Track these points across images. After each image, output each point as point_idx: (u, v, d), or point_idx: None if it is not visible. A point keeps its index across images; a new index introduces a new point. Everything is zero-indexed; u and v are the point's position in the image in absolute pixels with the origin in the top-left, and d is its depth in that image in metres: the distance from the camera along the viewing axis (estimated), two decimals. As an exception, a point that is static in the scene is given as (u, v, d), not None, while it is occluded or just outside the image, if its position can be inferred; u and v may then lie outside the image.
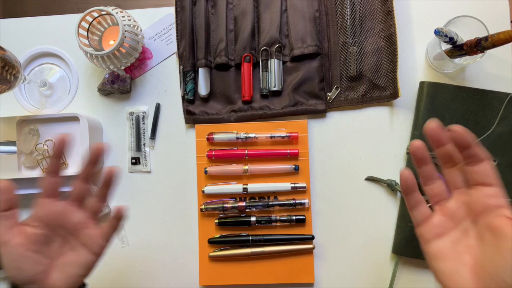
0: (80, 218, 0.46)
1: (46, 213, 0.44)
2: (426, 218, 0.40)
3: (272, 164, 0.62)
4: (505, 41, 0.50)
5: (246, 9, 0.64)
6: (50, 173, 0.45)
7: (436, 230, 0.39)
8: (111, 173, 0.48)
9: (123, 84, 0.65)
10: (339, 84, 0.63)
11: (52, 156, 0.45)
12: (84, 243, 0.45)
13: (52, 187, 0.45)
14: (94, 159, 0.46)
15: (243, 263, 0.61)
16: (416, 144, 0.40)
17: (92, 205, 0.47)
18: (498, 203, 0.35)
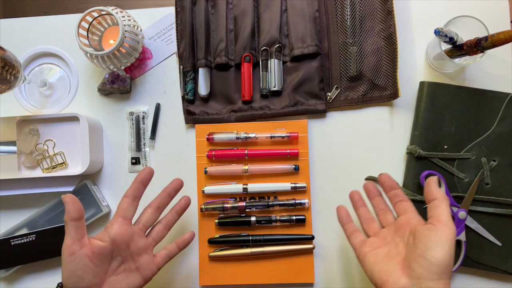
0: (145, 244, 0.50)
1: (119, 233, 0.47)
2: (362, 241, 0.49)
3: (272, 164, 0.62)
4: (505, 41, 0.50)
5: (246, 9, 0.64)
6: (132, 197, 0.49)
7: (371, 245, 0.48)
8: (186, 202, 0.55)
9: (123, 84, 0.65)
10: (339, 84, 0.63)
11: (136, 181, 0.50)
12: (139, 267, 0.49)
13: (129, 209, 0.49)
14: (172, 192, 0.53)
15: (243, 263, 0.61)
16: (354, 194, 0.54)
17: (157, 232, 0.52)
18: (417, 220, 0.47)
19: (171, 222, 0.53)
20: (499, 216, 0.58)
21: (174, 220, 0.54)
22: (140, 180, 0.51)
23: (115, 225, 0.48)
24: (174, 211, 0.54)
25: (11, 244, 0.61)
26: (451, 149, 0.60)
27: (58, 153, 0.63)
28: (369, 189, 0.53)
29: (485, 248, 0.58)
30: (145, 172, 0.51)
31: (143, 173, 0.51)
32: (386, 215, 0.51)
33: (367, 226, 0.51)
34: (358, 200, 0.53)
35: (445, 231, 0.41)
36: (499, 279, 0.59)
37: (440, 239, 0.41)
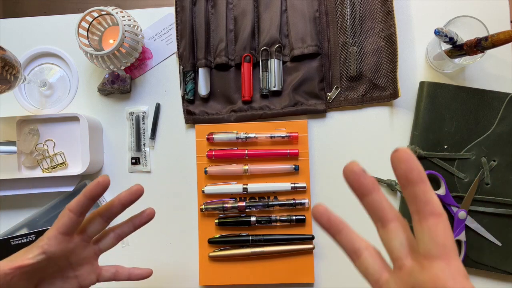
0: (88, 254, 0.44)
1: (58, 250, 0.41)
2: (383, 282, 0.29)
3: (272, 164, 0.62)
4: (505, 41, 0.50)
5: (246, 9, 0.64)
6: (77, 213, 0.41)
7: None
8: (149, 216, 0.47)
9: (123, 84, 0.65)
10: (339, 84, 0.63)
11: (85, 195, 0.41)
12: (78, 276, 0.44)
13: (72, 225, 0.41)
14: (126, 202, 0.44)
15: (243, 263, 0.61)
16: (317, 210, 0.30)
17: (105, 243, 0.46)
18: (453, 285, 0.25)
19: (125, 233, 0.46)
20: (499, 216, 0.58)
21: (128, 233, 0.47)
22: (88, 195, 0.41)
23: (53, 242, 0.41)
24: (131, 223, 0.46)
25: (11, 244, 0.61)
26: (451, 149, 0.60)
27: (58, 153, 0.63)
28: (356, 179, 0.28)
29: (485, 248, 0.58)
30: (94, 184, 0.41)
31: (92, 186, 0.41)
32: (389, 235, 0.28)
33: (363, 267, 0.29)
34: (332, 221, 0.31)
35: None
36: (499, 279, 0.59)
37: None
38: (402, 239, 0.28)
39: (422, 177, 0.26)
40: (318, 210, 0.30)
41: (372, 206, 0.29)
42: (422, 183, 0.26)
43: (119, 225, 0.47)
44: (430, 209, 0.26)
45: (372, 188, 0.28)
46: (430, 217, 0.26)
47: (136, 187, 0.44)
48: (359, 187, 0.29)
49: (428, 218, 0.26)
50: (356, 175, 0.28)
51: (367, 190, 0.28)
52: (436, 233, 0.26)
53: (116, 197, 0.44)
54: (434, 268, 0.26)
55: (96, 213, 0.44)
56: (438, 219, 0.26)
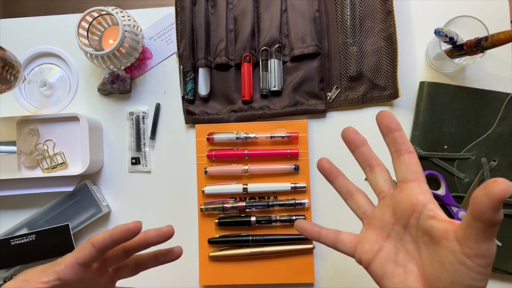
0: (105, 281, 0.43)
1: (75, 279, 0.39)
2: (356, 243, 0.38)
3: (272, 164, 0.62)
4: (505, 41, 0.50)
5: (246, 9, 0.64)
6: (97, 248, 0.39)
7: (371, 248, 0.36)
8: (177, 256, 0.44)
9: (123, 84, 0.65)
10: (339, 84, 0.63)
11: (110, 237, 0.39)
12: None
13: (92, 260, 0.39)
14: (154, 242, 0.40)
15: (243, 263, 0.61)
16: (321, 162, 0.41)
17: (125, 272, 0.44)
18: (422, 199, 0.33)
19: (146, 267, 0.44)
20: (499, 216, 0.58)
21: (151, 267, 0.44)
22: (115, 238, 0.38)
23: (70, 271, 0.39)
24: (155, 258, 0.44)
25: (11, 244, 0.61)
26: (451, 149, 0.60)
27: (58, 153, 0.63)
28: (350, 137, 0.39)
29: (485, 248, 0.58)
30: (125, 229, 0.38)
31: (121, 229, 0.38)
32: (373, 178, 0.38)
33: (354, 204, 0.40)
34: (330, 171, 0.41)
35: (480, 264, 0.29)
36: (499, 279, 0.59)
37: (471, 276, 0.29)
38: (385, 176, 0.38)
39: (399, 126, 0.36)
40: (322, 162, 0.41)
41: (362, 155, 0.39)
42: (399, 131, 0.36)
43: (143, 258, 0.44)
44: (405, 148, 0.35)
45: (363, 142, 0.39)
46: (406, 153, 0.35)
47: (166, 229, 0.40)
48: (353, 141, 0.39)
49: (404, 154, 0.35)
50: (351, 133, 0.39)
51: (359, 143, 0.39)
52: (410, 163, 0.35)
53: (143, 233, 0.40)
54: (409, 188, 0.34)
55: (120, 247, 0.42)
56: (411, 154, 0.35)
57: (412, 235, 0.34)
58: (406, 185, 0.35)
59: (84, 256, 0.39)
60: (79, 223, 0.63)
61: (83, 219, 0.63)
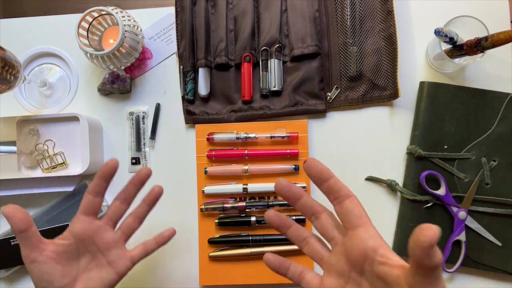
0: (113, 237, 0.48)
1: (82, 230, 0.46)
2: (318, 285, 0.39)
3: (272, 164, 0.62)
4: (505, 41, 0.50)
5: (246, 9, 0.64)
6: (93, 193, 0.46)
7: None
8: (159, 192, 0.51)
9: (123, 84, 0.65)
10: (339, 84, 0.63)
11: (98, 177, 0.46)
12: (111, 262, 0.47)
13: (92, 206, 0.46)
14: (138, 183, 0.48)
15: (243, 263, 0.61)
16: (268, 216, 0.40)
17: (126, 225, 0.49)
18: (372, 245, 0.34)
19: (142, 214, 0.50)
20: (499, 216, 0.58)
21: (145, 212, 0.50)
22: (100, 176, 0.46)
23: (77, 222, 0.46)
24: (143, 202, 0.50)
25: (11, 244, 0.61)
26: (451, 149, 0.60)
27: (58, 153, 0.63)
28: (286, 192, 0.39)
29: (485, 248, 0.58)
30: (106, 166, 0.46)
31: (103, 167, 0.46)
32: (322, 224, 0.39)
33: (309, 251, 0.40)
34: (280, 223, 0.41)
35: None
36: (499, 279, 0.59)
37: None
38: (332, 222, 0.38)
39: (330, 174, 0.37)
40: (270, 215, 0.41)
41: (305, 206, 0.39)
42: (332, 178, 0.36)
43: (135, 209, 0.50)
44: (343, 194, 0.36)
45: (301, 193, 0.39)
46: (345, 199, 0.36)
47: (144, 170, 0.48)
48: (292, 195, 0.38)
49: (344, 200, 0.36)
50: (287, 187, 0.38)
51: (298, 195, 0.39)
52: (352, 209, 0.36)
53: (129, 180, 0.48)
54: (357, 234, 0.35)
55: (114, 199, 0.49)
56: (351, 199, 0.36)
57: (369, 280, 0.34)
58: (354, 232, 0.35)
59: (84, 204, 0.46)
60: (79, 223, 0.62)
61: (83, 219, 0.63)
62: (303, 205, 0.39)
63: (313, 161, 0.37)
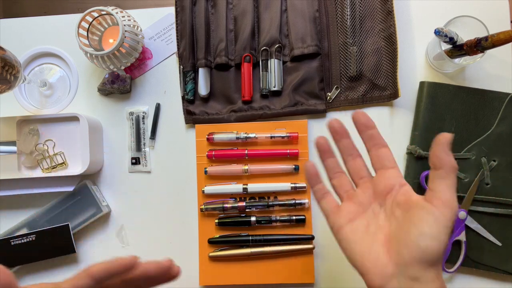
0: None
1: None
2: (335, 208, 0.42)
3: (272, 164, 0.62)
4: (505, 41, 0.50)
5: (246, 9, 0.64)
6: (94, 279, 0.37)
7: (347, 216, 0.40)
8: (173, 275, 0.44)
9: (123, 84, 0.65)
10: (339, 84, 0.63)
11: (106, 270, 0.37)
12: None
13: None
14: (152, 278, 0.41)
15: (243, 263, 0.61)
16: (319, 139, 0.44)
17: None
18: (399, 182, 0.39)
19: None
20: (499, 216, 0.58)
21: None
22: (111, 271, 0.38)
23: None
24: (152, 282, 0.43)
25: (11, 244, 0.61)
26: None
27: (58, 153, 0.63)
28: (335, 127, 0.43)
29: (485, 248, 0.58)
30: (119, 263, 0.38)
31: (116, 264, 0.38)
32: (357, 165, 0.42)
33: (338, 183, 0.43)
34: (326, 150, 0.43)
35: (446, 215, 0.34)
36: (499, 279, 0.59)
37: (438, 225, 0.34)
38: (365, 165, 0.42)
39: (374, 124, 0.41)
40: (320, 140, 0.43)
41: (345, 147, 0.43)
42: (375, 128, 0.41)
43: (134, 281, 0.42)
44: (382, 143, 0.41)
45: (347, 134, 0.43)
46: (383, 147, 0.41)
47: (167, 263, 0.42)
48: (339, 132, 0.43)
49: (382, 148, 0.41)
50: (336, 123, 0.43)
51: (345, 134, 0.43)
52: (387, 155, 0.41)
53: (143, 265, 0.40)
54: (388, 173, 0.40)
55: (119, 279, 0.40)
56: (388, 148, 0.41)
57: (387, 212, 0.39)
58: (386, 171, 0.40)
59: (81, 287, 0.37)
60: (79, 223, 0.62)
61: (83, 219, 0.63)
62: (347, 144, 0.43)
63: (363, 114, 0.42)
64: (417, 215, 0.35)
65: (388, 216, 0.39)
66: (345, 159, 0.43)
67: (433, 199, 0.35)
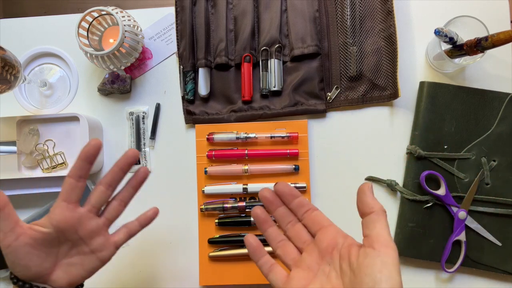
0: (97, 225, 0.45)
1: (63, 219, 0.42)
2: (285, 278, 0.41)
3: (272, 164, 0.62)
4: (505, 41, 0.50)
5: (246, 9, 0.64)
6: (74, 177, 0.43)
7: (299, 284, 0.39)
8: (145, 173, 0.47)
9: (123, 84, 0.65)
10: (339, 84, 0.63)
11: (80, 159, 0.43)
12: (94, 250, 0.44)
13: (74, 191, 0.43)
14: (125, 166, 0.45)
15: (243, 263, 0.61)
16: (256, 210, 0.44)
17: (111, 210, 0.46)
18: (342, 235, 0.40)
19: (127, 197, 0.47)
20: (499, 216, 0.58)
21: (130, 195, 0.47)
22: (83, 157, 0.42)
23: (57, 210, 0.42)
24: (129, 185, 0.47)
25: (11, 244, 0.61)
26: (451, 149, 0.60)
27: (58, 153, 0.63)
28: (268, 198, 0.43)
29: (485, 248, 0.58)
30: (89, 146, 0.42)
31: (86, 147, 0.42)
32: (297, 231, 0.43)
33: (283, 252, 0.42)
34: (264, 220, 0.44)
35: (390, 255, 0.34)
36: (499, 279, 0.59)
37: (387, 267, 0.34)
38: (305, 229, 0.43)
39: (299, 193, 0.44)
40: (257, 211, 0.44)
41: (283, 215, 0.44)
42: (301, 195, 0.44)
43: (120, 192, 0.47)
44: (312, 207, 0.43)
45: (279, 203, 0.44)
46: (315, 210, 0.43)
47: (131, 151, 0.45)
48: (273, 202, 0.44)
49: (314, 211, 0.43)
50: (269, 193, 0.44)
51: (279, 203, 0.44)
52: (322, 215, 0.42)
53: (114, 163, 0.45)
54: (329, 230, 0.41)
55: (97, 183, 0.45)
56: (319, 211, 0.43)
57: (336, 270, 0.38)
58: (326, 229, 0.41)
59: (65, 190, 0.43)
60: (79, 223, 0.62)
61: (83, 219, 0.62)
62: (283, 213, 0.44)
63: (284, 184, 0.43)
64: (364, 264, 0.35)
65: (338, 273, 0.38)
66: (284, 227, 0.44)
67: (373, 244, 0.36)
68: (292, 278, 0.40)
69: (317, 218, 0.42)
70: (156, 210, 0.50)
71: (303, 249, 0.42)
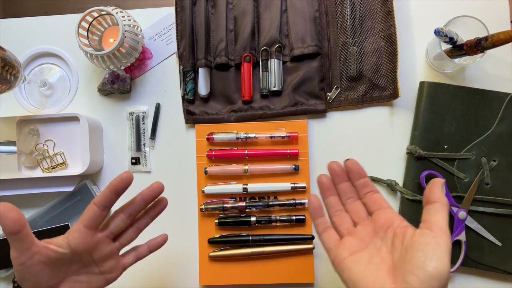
0: (111, 250, 0.46)
1: (81, 244, 0.43)
2: (337, 241, 0.43)
3: (272, 164, 0.62)
4: (505, 41, 0.50)
5: (246, 9, 0.64)
6: (100, 207, 0.43)
7: (349, 248, 0.41)
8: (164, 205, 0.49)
9: (123, 84, 0.65)
10: (339, 84, 0.63)
11: (109, 189, 0.43)
12: (103, 271, 0.46)
13: (97, 220, 0.43)
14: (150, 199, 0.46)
15: (243, 263, 0.61)
16: (322, 178, 0.45)
17: (127, 237, 0.47)
18: (399, 218, 0.42)
19: (143, 226, 0.48)
20: (499, 216, 0.58)
21: (147, 224, 0.49)
22: (112, 189, 0.43)
23: (77, 234, 0.43)
24: (148, 216, 0.48)
25: (11, 244, 0.61)
26: (451, 149, 0.60)
27: (58, 153, 0.63)
28: (336, 171, 0.45)
29: (485, 248, 0.58)
30: (119, 179, 0.43)
31: (115, 181, 0.43)
32: (356, 207, 0.44)
33: (339, 220, 0.44)
34: (328, 187, 0.45)
35: (445, 240, 0.36)
36: (499, 279, 0.59)
37: (440, 248, 0.36)
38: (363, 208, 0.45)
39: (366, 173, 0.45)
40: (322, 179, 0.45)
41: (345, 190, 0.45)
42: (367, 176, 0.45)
43: (137, 220, 0.48)
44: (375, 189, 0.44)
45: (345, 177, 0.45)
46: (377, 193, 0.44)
47: (156, 185, 0.47)
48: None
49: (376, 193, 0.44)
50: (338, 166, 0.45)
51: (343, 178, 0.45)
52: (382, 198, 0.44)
53: (138, 194, 0.46)
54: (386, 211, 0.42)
55: (118, 210, 0.46)
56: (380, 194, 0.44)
57: (388, 245, 0.40)
58: (384, 210, 0.43)
59: (88, 217, 0.43)
60: (79, 223, 0.62)
61: (83, 219, 0.62)
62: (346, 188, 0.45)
63: (354, 163, 0.44)
64: (419, 241, 0.37)
65: (390, 248, 0.40)
66: (344, 201, 0.45)
67: (431, 227, 0.37)
68: (344, 243, 0.42)
69: (378, 200, 0.43)
70: (165, 237, 0.52)
71: (358, 223, 0.44)
